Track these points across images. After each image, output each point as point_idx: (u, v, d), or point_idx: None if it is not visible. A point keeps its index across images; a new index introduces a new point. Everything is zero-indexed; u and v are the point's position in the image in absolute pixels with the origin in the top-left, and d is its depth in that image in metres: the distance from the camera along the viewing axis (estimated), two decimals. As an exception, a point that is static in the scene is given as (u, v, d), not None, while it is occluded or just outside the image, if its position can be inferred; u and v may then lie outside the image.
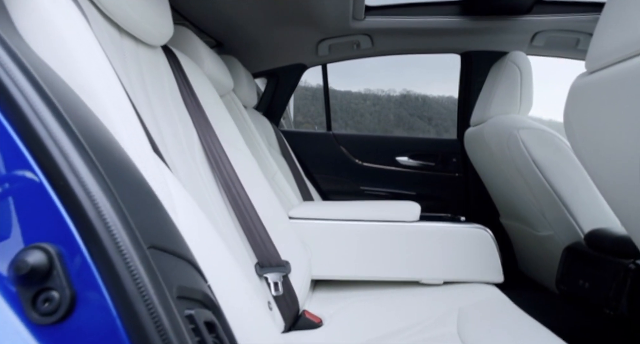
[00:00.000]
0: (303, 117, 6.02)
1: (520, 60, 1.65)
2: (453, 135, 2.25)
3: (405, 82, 7.43)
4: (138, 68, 0.85)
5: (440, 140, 2.25)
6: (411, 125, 9.74)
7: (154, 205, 0.45)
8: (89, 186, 0.34)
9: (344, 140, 2.27)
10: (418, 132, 9.33)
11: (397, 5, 1.92)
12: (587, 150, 0.84)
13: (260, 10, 1.70)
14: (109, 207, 0.34)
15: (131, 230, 0.35)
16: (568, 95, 0.86)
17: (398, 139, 2.28)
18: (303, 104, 5.75)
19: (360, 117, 8.99)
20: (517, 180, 1.55)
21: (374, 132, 8.84)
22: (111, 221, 0.34)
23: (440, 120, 9.49)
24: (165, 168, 0.58)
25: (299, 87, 2.25)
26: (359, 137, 2.32)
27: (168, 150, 0.85)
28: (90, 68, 0.50)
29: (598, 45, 0.77)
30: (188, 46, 1.24)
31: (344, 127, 9.68)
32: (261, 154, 1.55)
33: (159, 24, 0.89)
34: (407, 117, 9.38)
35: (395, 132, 9.32)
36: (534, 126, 1.49)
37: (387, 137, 2.33)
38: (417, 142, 2.25)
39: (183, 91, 1.03)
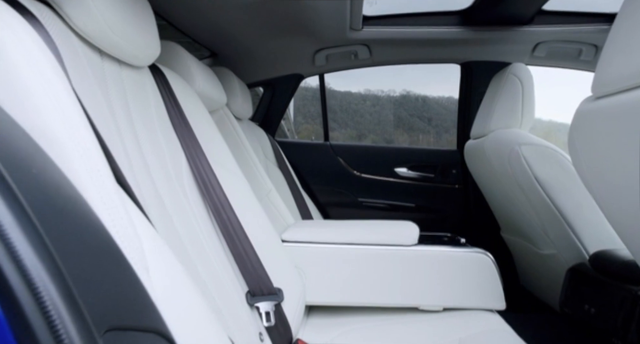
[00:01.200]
0: (303, 117, 6.00)
1: (522, 72, 1.61)
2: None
3: (405, 83, 7.36)
4: (121, 91, 0.82)
5: (440, 151, 2.21)
6: (411, 126, 9.72)
7: (119, 267, 0.39)
8: (26, 264, 0.26)
9: (342, 151, 2.23)
10: (418, 133, 9.28)
11: (396, 15, 1.87)
12: (592, 175, 0.82)
13: (255, 21, 1.66)
14: (52, 292, 0.27)
15: (81, 317, 0.28)
16: (574, 119, 0.83)
17: (396, 150, 2.24)
18: (303, 104, 5.73)
19: (360, 117, 8.94)
20: (518, 196, 1.51)
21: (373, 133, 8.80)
22: (54, 312, 0.26)
23: (440, 121, 9.45)
24: (138, 215, 0.54)
25: (299, 87, 2.21)
26: (357, 147, 2.28)
27: (152, 176, 0.81)
28: (54, 114, 0.46)
29: (605, 71, 0.74)
30: (178, 63, 1.21)
31: (344, 127, 9.65)
32: (255, 171, 1.51)
33: (144, 45, 0.85)
34: (407, 118, 9.34)
35: (395, 132, 9.28)
36: (536, 142, 1.46)
37: (386, 147, 2.29)
38: (416, 153, 2.21)
39: (171, 111, 0.99)
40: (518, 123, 1.60)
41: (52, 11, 0.67)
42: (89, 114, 0.56)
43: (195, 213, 0.92)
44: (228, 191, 1.01)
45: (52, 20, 0.65)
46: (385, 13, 1.87)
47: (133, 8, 0.81)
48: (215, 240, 0.95)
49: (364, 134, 9.50)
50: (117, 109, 0.78)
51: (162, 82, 1.01)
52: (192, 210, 0.92)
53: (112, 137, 0.70)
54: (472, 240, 2.09)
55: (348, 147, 2.26)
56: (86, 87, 0.67)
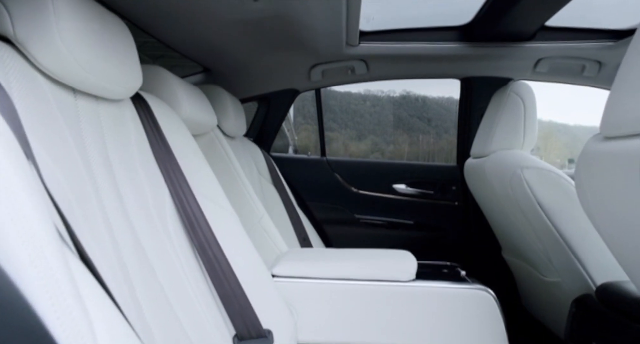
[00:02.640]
0: (303, 118, 5.98)
1: (524, 91, 1.55)
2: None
3: (405, 83, 7.34)
4: (97, 130, 0.77)
5: (439, 167, 2.16)
6: (411, 126, 9.67)
7: None
8: None
9: (339, 167, 2.18)
10: (418, 133, 9.24)
11: (394, 31, 1.82)
12: (599, 214, 0.79)
13: (249, 37, 1.61)
14: None
15: None
16: (582, 158, 0.79)
17: (395, 165, 2.20)
18: (302, 105, 5.70)
19: (360, 117, 8.89)
20: (520, 221, 1.46)
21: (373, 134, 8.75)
22: None
23: (440, 121, 9.40)
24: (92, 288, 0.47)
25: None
26: (355, 163, 2.23)
27: (130, 219, 0.77)
28: None
29: (616, 112, 0.69)
30: (163, 88, 1.16)
31: (344, 128, 9.61)
32: (247, 197, 1.46)
33: (122, 79, 0.80)
34: (407, 118, 9.30)
35: (395, 133, 9.24)
36: (539, 165, 1.40)
37: (384, 163, 2.24)
38: (415, 169, 2.16)
39: (154, 144, 0.94)
40: (520, 144, 1.55)
41: (14, 49, 0.62)
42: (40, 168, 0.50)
43: (178, 253, 0.88)
44: (215, 227, 0.97)
45: (12, 59, 0.61)
46: (383, 28, 1.82)
47: (110, 40, 0.76)
48: (200, 281, 0.91)
49: (364, 135, 9.46)
50: (92, 151, 0.73)
51: (145, 112, 0.96)
52: (176, 251, 0.88)
53: (81, 184, 0.66)
54: (473, 259, 2.06)
55: (345, 163, 2.21)
56: (49, 132, 0.62)
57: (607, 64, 1.80)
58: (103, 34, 0.74)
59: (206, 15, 1.40)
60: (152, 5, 1.30)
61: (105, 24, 0.77)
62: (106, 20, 0.77)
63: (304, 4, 1.32)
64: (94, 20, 0.73)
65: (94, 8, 0.75)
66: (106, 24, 0.77)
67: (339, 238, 2.13)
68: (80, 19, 0.69)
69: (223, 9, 1.35)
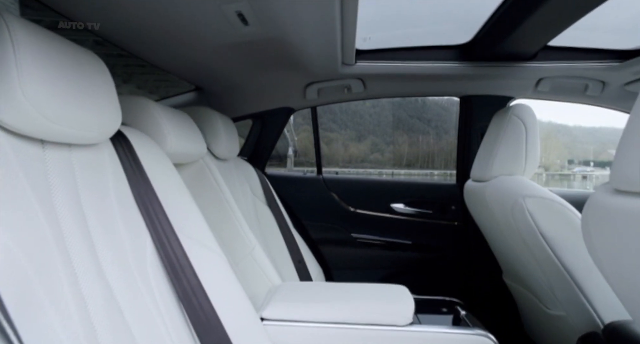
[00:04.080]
0: (303, 118, 5.96)
1: (525, 113, 1.50)
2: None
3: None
4: (69, 180, 0.72)
5: (438, 185, 2.11)
6: (411, 127, 9.63)
7: None
8: None
9: (335, 185, 2.13)
10: (418, 134, 9.19)
11: (391, 49, 1.77)
12: (610, 267, 0.75)
13: (241, 58, 1.56)
14: None
15: None
16: (590, 207, 0.75)
17: (393, 184, 2.15)
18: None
19: (359, 118, 8.85)
20: (522, 251, 1.41)
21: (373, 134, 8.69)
22: None
23: (440, 122, 9.36)
24: None
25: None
26: (351, 181, 2.18)
27: (105, 274, 0.73)
28: None
29: (627, 164, 0.65)
30: (147, 121, 1.11)
31: (344, 128, 9.56)
32: (238, 227, 1.42)
33: (99, 123, 0.75)
34: (407, 119, 9.25)
35: (394, 133, 9.19)
36: (542, 194, 1.35)
37: (381, 181, 2.19)
38: (413, 187, 2.12)
39: (135, 185, 0.89)
40: (521, 170, 1.50)
41: None
42: None
43: (160, 306, 0.84)
44: (201, 272, 0.92)
45: None
46: (381, 47, 1.77)
47: (83, 83, 0.71)
48: (183, 332, 0.87)
49: (364, 135, 9.41)
50: (61, 208, 0.69)
51: (125, 151, 0.91)
52: (157, 304, 0.83)
53: (44, 251, 0.61)
54: (472, 282, 2.01)
55: (342, 181, 2.16)
56: (5, 198, 0.58)
57: (611, 84, 1.75)
58: (75, 78, 0.70)
59: (196, 39, 1.35)
60: (139, 31, 1.26)
61: (79, 65, 0.72)
62: (80, 61, 0.73)
63: (296, 28, 1.27)
64: (63, 65, 0.68)
65: (65, 49, 0.70)
66: (80, 65, 0.72)
67: (335, 259, 2.09)
68: (47, 68, 0.64)
69: (213, 33, 1.30)
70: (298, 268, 1.81)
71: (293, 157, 6.20)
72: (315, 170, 2.19)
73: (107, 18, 1.16)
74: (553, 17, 1.34)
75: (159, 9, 1.12)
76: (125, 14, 1.14)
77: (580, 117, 13.00)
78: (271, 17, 1.19)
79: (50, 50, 0.66)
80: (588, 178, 9.23)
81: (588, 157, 9.13)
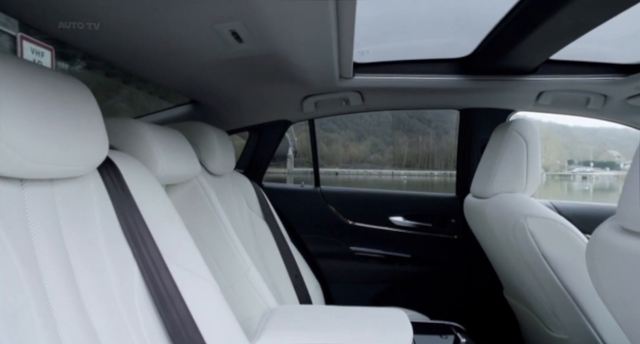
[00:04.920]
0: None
1: (526, 129, 1.47)
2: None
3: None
4: (50, 216, 0.69)
5: (438, 198, 2.08)
6: (411, 127, 9.56)
7: None
8: None
9: (333, 198, 2.10)
10: (418, 134, 9.15)
11: (390, 63, 1.74)
12: (615, 304, 0.74)
13: (237, 72, 1.53)
14: None
15: None
16: (595, 242, 0.74)
17: (391, 196, 2.12)
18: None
19: (359, 119, 8.80)
20: (524, 271, 1.39)
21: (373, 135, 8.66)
22: None
23: (440, 122, 9.30)
24: None
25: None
26: (349, 193, 2.15)
27: (86, 310, 0.70)
28: None
29: (634, 204, 0.63)
30: (137, 144, 1.07)
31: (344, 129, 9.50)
32: (232, 249, 1.39)
33: (83, 156, 0.72)
34: (407, 119, 9.19)
35: (394, 133, 9.14)
36: (544, 214, 1.32)
37: (379, 193, 2.16)
38: (412, 199, 2.09)
39: (123, 214, 0.86)
40: (522, 187, 1.48)
41: None
42: None
43: (148, 339, 0.81)
44: (192, 302, 0.89)
45: None
46: (379, 60, 1.73)
47: (66, 116, 0.68)
48: None
49: (364, 135, 9.36)
50: (40, 247, 0.65)
51: (113, 179, 0.88)
52: (143, 338, 0.81)
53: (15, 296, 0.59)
54: (472, 297, 1.99)
55: (340, 193, 2.13)
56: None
57: (613, 98, 1.72)
58: (58, 112, 0.66)
59: (190, 56, 1.32)
60: (133, 50, 1.23)
61: (62, 97, 0.68)
62: (63, 91, 0.69)
63: (291, 45, 1.24)
64: (45, 99, 0.65)
65: (47, 81, 0.67)
66: (63, 96, 0.69)
67: (333, 273, 2.06)
68: (28, 105, 0.61)
69: (207, 50, 1.27)
70: (295, 283, 1.78)
71: (293, 157, 6.17)
72: (313, 182, 2.16)
73: (100, 39, 1.14)
74: (557, 33, 1.31)
75: (151, 29, 1.10)
76: (119, 35, 1.12)
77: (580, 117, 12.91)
78: (266, 35, 1.17)
79: (31, 84, 0.63)
80: (588, 179, 9.22)
81: (588, 157, 9.12)
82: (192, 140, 1.52)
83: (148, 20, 1.05)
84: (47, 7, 0.98)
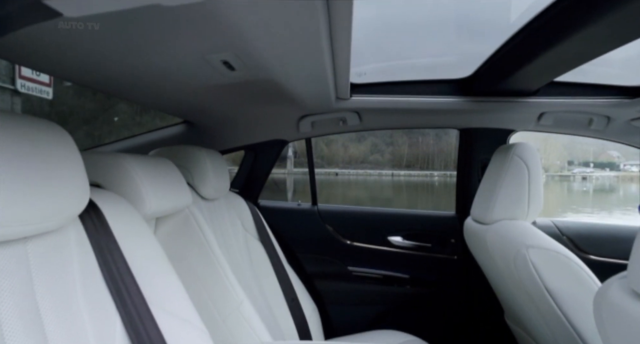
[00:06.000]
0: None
1: (527, 154, 1.44)
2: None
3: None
4: (23, 276, 0.65)
5: (437, 216, 2.04)
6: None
7: None
8: None
9: (330, 217, 2.07)
10: (417, 135, 9.09)
11: (388, 83, 1.70)
12: None
13: (231, 94, 1.49)
14: None
15: None
16: (604, 302, 0.71)
17: (390, 215, 2.08)
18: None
19: (358, 120, 8.69)
20: (526, 302, 1.35)
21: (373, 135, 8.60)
22: None
23: (440, 123, 9.13)
24: None
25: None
26: (347, 212, 2.11)
27: None
28: None
29: None
30: (124, 182, 1.03)
31: (342, 130, 9.36)
32: (224, 281, 1.35)
33: (60, 211, 0.68)
34: (406, 120, 9.08)
35: (394, 134, 9.07)
36: (547, 245, 1.28)
37: (377, 212, 2.12)
38: (411, 218, 2.05)
39: (105, 263, 0.81)
40: (524, 214, 1.44)
41: None
42: None
43: None
44: None
45: None
46: (377, 81, 1.69)
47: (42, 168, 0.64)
48: None
49: (363, 136, 9.30)
50: (8, 311, 0.61)
51: (96, 224, 0.83)
52: None
53: None
54: (472, 320, 1.95)
55: (337, 212, 2.09)
56: None
57: (616, 119, 1.68)
58: (34, 165, 0.62)
59: (183, 83, 1.29)
60: (126, 78, 1.20)
61: (37, 147, 0.64)
62: (39, 140, 0.65)
63: (285, 71, 1.20)
64: (19, 154, 0.61)
65: (21, 132, 0.63)
66: (38, 146, 0.64)
67: (330, 294, 2.03)
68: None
69: (199, 77, 1.24)
70: (291, 307, 1.75)
71: (293, 158, 6.12)
72: (310, 201, 2.12)
73: (94, 72, 1.12)
74: (559, 61, 1.27)
75: (141, 61, 1.06)
76: (104, 65, 1.08)
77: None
78: (258, 64, 1.13)
79: (4, 140, 0.59)
80: (588, 179, 9.19)
81: (588, 157, 9.07)
82: (183, 164, 1.48)
83: (138, 53, 1.01)
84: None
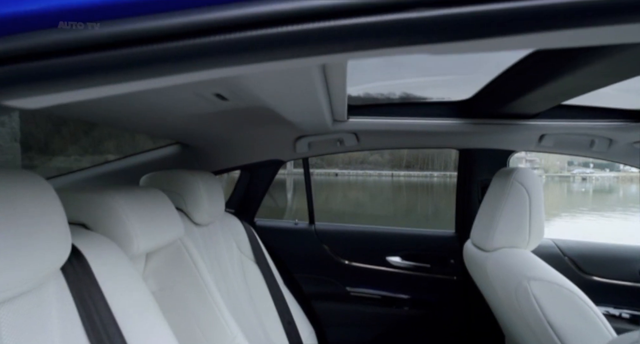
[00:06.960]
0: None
1: (528, 180, 1.40)
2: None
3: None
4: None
5: (436, 236, 2.01)
6: (410, 129, 9.38)
7: None
8: None
9: (327, 237, 2.03)
10: (417, 136, 9.01)
11: (386, 105, 1.67)
12: None
13: (226, 118, 1.46)
14: None
15: None
16: None
17: (388, 234, 2.05)
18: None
19: (357, 121, 8.67)
20: (527, 334, 1.32)
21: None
22: None
23: (439, 124, 9.10)
24: None
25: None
26: (345, 231, 2.08)
27: None
28: None
29: None
30: (112, 223, 1.00)
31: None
32: (217, 315, 1.32)
33: (37, 270, 0.64)
34: (406, 122, 9.06)
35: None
36: (549, 277, 1.24)
37: (375, 231, 2.08)
38: (409, 238, 2.02)
39: (88, 315, 0.77)
40: (525, 243, 1.41)
41: None
42: None
43: None
44: None
45: None
46: (374, 103, 1.67)
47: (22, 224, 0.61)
48: None
49: (362, 138, 9.20)
50: None
51: (78, 273, 0.79)
52: None
53: None
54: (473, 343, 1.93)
55: (335, 232, 2.06)
56: None
57: (618, 142, 1.65)
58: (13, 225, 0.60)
59: (176, 113, 1.25)
60: (117, 109, 1.17)
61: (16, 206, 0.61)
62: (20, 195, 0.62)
63: (278, 99, 1.17)
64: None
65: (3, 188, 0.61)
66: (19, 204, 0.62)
67: (328, 315, 2.00)
68: None
69: (192, 106, 1.20)
70: (287, 331, 1.72)
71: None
72: (308, 220, 2.09)
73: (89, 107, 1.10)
74: (560, 91, 1.24)
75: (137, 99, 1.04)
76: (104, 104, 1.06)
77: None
78: (250, 94, 1.10)
79: None
80: (587, 180, 9.17)
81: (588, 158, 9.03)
82: (175, 190, 1.45)
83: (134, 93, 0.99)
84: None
